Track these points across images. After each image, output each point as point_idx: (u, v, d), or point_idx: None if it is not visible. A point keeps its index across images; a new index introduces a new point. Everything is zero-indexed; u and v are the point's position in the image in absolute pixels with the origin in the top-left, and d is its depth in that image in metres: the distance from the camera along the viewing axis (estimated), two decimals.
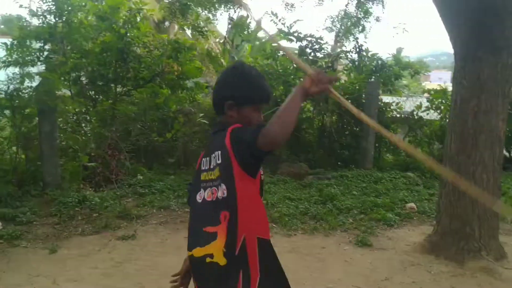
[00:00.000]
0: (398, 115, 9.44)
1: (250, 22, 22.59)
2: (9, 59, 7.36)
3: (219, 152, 1.76)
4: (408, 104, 9.62)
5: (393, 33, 20.80)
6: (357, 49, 9.86)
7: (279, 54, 10.16)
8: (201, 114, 7.64)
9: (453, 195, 4.53)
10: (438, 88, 9.64)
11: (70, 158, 6.79)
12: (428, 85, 19.21)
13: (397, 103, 9.63)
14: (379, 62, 9.76)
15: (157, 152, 7.70)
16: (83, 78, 8.74)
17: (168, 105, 7.87)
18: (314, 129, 9.31)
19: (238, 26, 23.87)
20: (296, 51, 9.81)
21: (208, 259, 1.76)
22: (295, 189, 6.91)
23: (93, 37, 8.89)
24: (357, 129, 9.04)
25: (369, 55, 9.78)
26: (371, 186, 7.24)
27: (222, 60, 13.72)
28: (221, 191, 1.75)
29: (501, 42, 4.22)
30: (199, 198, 1.85)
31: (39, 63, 7.44)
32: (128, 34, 8.62)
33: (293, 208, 5.90)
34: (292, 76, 8.82)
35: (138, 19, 9.32)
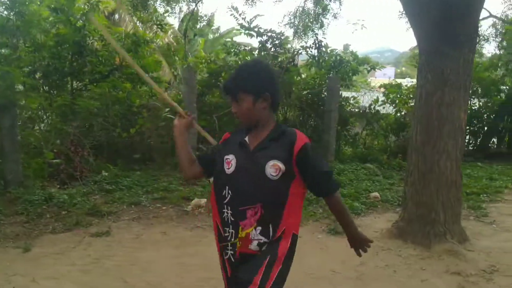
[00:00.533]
0: (356, 110, 9.76)
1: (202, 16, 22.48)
2: None
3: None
4: (366, 99, 9.97)
5: (352, 30, 21.29)
6: (317, 45, 10.07)
7: (240, 49, 10.25)
8: (167, 109, 7.56)
9: (419, 183, 4.79)
10: (393, 83, 10.05)
11: (32, 155, 6.55)
12: (373, 81, 19.91)
13: (355, 98, 9.97)
14: (338, 57, 10.02)
15: (121, 148, 7.57)
16: (37, 73, 8.45)
17: (130, 99, 7.74)
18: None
19: (191, 20, 23.70)
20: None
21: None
22: None
23: (47, 30, 8.61)
24: (319, 123, 9.26)
25: (328, 50, 10.02)
26: (336, 178, 7.45)
27: (177, 57, 13.57)
28: None
29: (463, 38, 4.49)
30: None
31: None
32: (86, 27, 8.38)
33: None
34: None
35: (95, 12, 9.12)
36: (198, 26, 23.56)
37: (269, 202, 1.94)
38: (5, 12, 8.04)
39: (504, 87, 10.91)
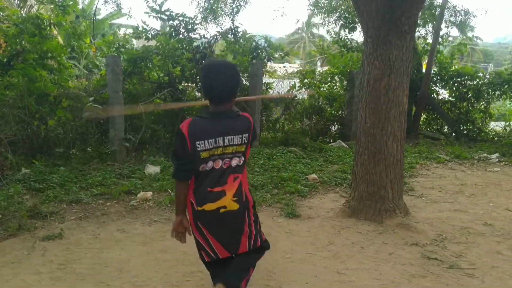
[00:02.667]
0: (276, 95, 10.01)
1: None
2: None
3: (247, 134, 2.62)
4: (284, 85, 10.27)
5: (273, 16, 21.76)
6: (233, 31, 10.07)
7: (153, 34, 9.84)
8: (91, 98, 7.02)
9: (369, 163, 5.12)
10: (309, 69, 10.47)
11: None
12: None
13: (268, 84, 10.21)
14: (254, 43, 10.13)
15: (40, 142, 6.88)
16: None
17: (47, 88, 7.05)
18: (199, 110, 9.31)
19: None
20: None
21: (222, 210, 2.59)
22: None
23: None
24: (244, 109, 9.32)
25: (246, 37, 10.07)
26: (269, 162, 7.64)
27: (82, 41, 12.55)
28: (237, 161, 2.63)
29: (407, 27, 4.86)
30: (211, 166, 2.58)
31: None
32: None
33: None
34: (179, 57, 8.61)
35: None
36: (81, 7, 22.01)
37: None
38: None
39: None
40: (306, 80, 10.25)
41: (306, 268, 3.88)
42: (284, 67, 14.18)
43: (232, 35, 10.16)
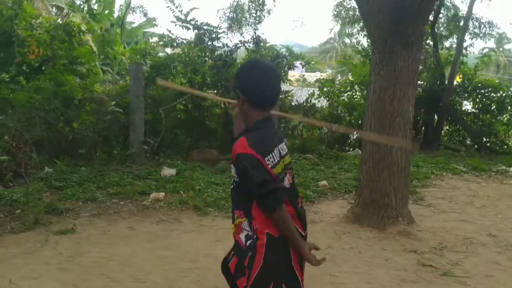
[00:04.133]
0: (294, 103, 10.16)
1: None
2: None
3: (286, 139, 2.14)
4: (303, 93, 10.41)
5: (292, 26, 22.35)
6: (255, 40, 10.31)
7: (178, 42, 10.18)
8: (113, 102, 7.37)
9: (373, 171, 5.22)
10: (329, 77, 10.59)
11: None
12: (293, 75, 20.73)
13: (289, 92, 10.37)
14: (275, 52, 10.34)
15: (64, 143, 7.25)
16: None
17: (73, 93, 7.43)
18: (216, 115, 9.56)
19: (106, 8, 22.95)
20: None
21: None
22: (214, 175, 7.13)
23: None
24: None
25: (266, 46, 10.29)
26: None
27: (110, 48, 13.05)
28: (292, 172, 2.23)
29: (412, 39, 4.95)
30: (288, 182, 2.14)
31: None
32: (19, 16, 7.89)
33: (221, 192, 6.15)
34: (198, 65, 8.90)
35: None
36: (117, 15, 22.78)
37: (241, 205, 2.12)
38: None
39: (422, 82, 11.92)
40: (325, 89, 10.35)
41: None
42: (316, 76, 14.36)
43: (254, 44, 10.39)
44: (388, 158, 5.12)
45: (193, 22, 9.90)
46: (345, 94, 10.80)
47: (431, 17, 12.41)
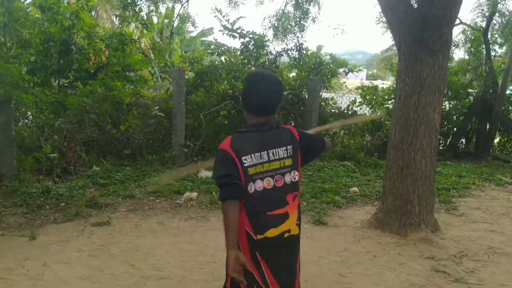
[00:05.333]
0: (335, 110, 10.23)
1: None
2: None
3: (291, 146, 2.37)
4: (344, 100, 10.47)
5: (333, 34, 22.17)
6: (298, 48, 10.51)
7: (222, 49, 10.58)
8: (157, 107, 7.84)
9: (396, 177, 5.25)
10: (370, 85, 10.57)
11: (26, 149, 6.74)
12: (346, 82, 20.60)
13: (332, 99, 10.45)
14: (317, 60, 10.49)
15: (111, 144, 7.81)
16: (24, 69, 8.58)
17: (121, 97, 7.98)
18: None
19: (167, 18, 23.98)
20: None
21: (286, 234, 2.31)
22: None
23: (34, 27, 8.76)
24: (300, 122, 9.69)
25: (308, 53, 10.47)
26: (316, 174, 7.91)
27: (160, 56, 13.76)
28: (291, 177, 2.36)
29: (438, 46, 4.96)
30: (261, 186, 2.27)
31: None
32: (76, 26, 8.58)
33: None
34: (239, 72, 9.23)
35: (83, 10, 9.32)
36: (176, 25, 23.77)
37: None
38: None
39: (472, 91, 11.57)
40: (368, 97, 10.34)
41: (311, 268, 4.16)
42: (339, 82, 14.37)
43: (297, 52, 10.59)
44: (411, 165, 5.14)
45: (239, 31, 10.30)
46: (390, 102, 10.71)
47: (483, 24, 12.07)
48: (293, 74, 10.66)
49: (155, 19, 22.45)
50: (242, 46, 10.29)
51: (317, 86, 9.33)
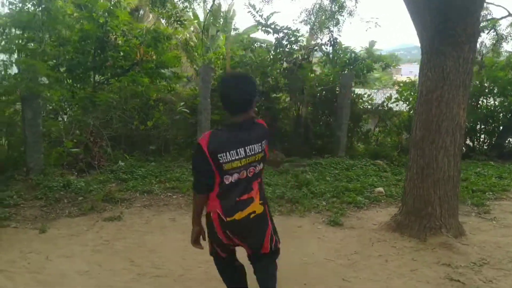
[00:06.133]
0: (369, 107, 9.88)
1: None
2: None
3: (265, 140, 2.65)
4: (379, 96, 10.08)
5: (366, 27, 21.54)
6: (331, 42, 10.23)
7: (255, 46, 10.48)
8: (182, 103, 7.87)
9: (417, 178, 4.94)
10: (408, 80, 10.11)
11: (53, 144, 6.94)
12: (399, 78, 19.95)
13: (369, 95, 10.08)
14: (352, 55, 10.16)
15: (138, 140, 7.91)
16: (62, 66, 8.85)
17: (148, 94, 8.06)
18: (290, 118, 9.66)
19: (212, 16, 24.07)
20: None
21: (252, 215, 2.63)
22: (272, 175, 7.25)
23: (72, 26, 9.00)
24: (331, 119, 9.44)
25: (342, 48, 10.16)
26: (343, 173, 7.65)
27: (196, 53, 13.83)
28: (259, 167, 2.67)
29: (463, 38, 4.61)
30: (236, 178, 2.57)
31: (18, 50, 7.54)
32: (108, 23, 8.73)
33: (270, 192, 6.23)
34: (269, 68, 9.10)
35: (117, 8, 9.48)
36: (220, 22, 23.90)
37: None
38: (32, 8, 8.43)
39: None
40: (405, 93, 9.90)
41: (315, 271, 3.98)
42: (378, 78, 13.85)
43: (331, 47, 10.32)
44: (432, 165, 4.82)
45: (273, 26, 10.15)
46: None
47: None
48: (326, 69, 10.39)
49: (201, 16, 22.77)
50: (276, 42, 10.15)
51: (349, 81, 9.04)
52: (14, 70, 6.88)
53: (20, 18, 7.75)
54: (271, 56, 9.74)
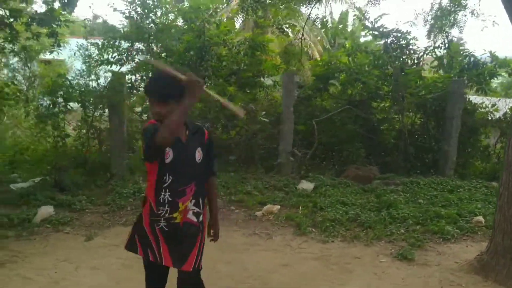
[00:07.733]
0: (490, 117, 8.42)
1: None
2: (101, 58, 8.07)
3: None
4: (500, 106, 8.55)
5: (482, 26, 18.95)
6: (445, 45, 8.99)
7: (358, 51, 9.69)
8: (263, 112, 7.54)
9: (508, 208, 3.89)
10: None
11: (136, 151, 7.13)
12: None
13: (493, 105, 8.61)
14: (471, 59, 8.80)
15: (219, 150, 7.76)
16: None
17: (233, 102, 7.89)
18: (392, 130, 8.69)
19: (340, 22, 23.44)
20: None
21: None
22: (353, 194, 6.48)
23: (179, 38, 9.28)
24: (438, 131, 8.26)
25: (459, 50, 8.86)
26: (443, 195, 6.52)
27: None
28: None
29: None
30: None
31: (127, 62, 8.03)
32: (206, 33, 8.80)
33: (341, 213, 5.52)
34: (366, 74, 8.31)
35: (218, 18, 9.55)
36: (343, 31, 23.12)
37: (199, 180, 2.48)
38: (140, 21, 8.89)
39: None
40: None
41: None
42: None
43: (445, 50, 9.06)
44: None
45: (381, 29, 9.31)
46: None
47: None
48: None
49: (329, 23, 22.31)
50: (384, 46, 9.27)
51: (460, 89, 7.81)
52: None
53: (130, 31, 8.22)
54: (369, 61, 8.88)
